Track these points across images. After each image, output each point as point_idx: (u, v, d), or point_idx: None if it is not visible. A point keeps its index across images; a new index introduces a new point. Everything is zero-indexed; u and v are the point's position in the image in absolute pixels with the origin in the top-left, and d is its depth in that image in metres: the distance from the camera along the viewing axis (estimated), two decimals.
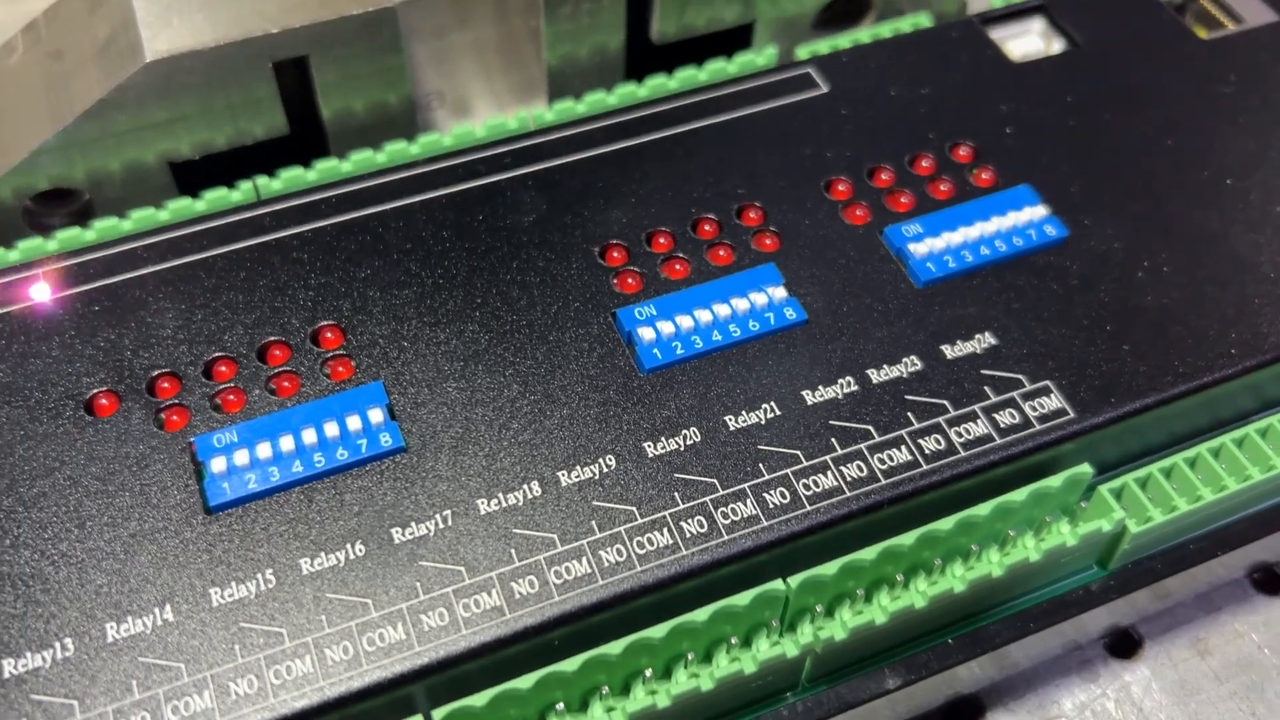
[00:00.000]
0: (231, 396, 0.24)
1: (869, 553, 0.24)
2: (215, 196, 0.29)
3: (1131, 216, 0.28)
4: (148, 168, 0.30)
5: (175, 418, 0.24)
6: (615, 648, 0.22)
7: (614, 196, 0.28)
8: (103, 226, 0.28)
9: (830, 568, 0.23)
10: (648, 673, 0.23)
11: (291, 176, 0.29)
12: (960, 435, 0.24)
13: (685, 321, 0.26)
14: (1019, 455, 0.24)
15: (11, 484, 0.23)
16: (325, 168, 0.30)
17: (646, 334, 0.25)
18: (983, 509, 0.24)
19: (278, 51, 0.29)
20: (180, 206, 0.29)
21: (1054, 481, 0.25)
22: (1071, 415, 0.25)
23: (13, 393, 0.24)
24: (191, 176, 0.31)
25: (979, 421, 0.24)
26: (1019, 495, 0.24)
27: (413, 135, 0.32)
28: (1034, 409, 0.25)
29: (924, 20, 0.34)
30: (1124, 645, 0.28)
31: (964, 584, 0.24)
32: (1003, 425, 0.24)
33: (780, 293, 0.26)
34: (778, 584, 0.23)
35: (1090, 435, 0.25)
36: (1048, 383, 0.25)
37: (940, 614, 0.24)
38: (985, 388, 0.25)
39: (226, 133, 0.30)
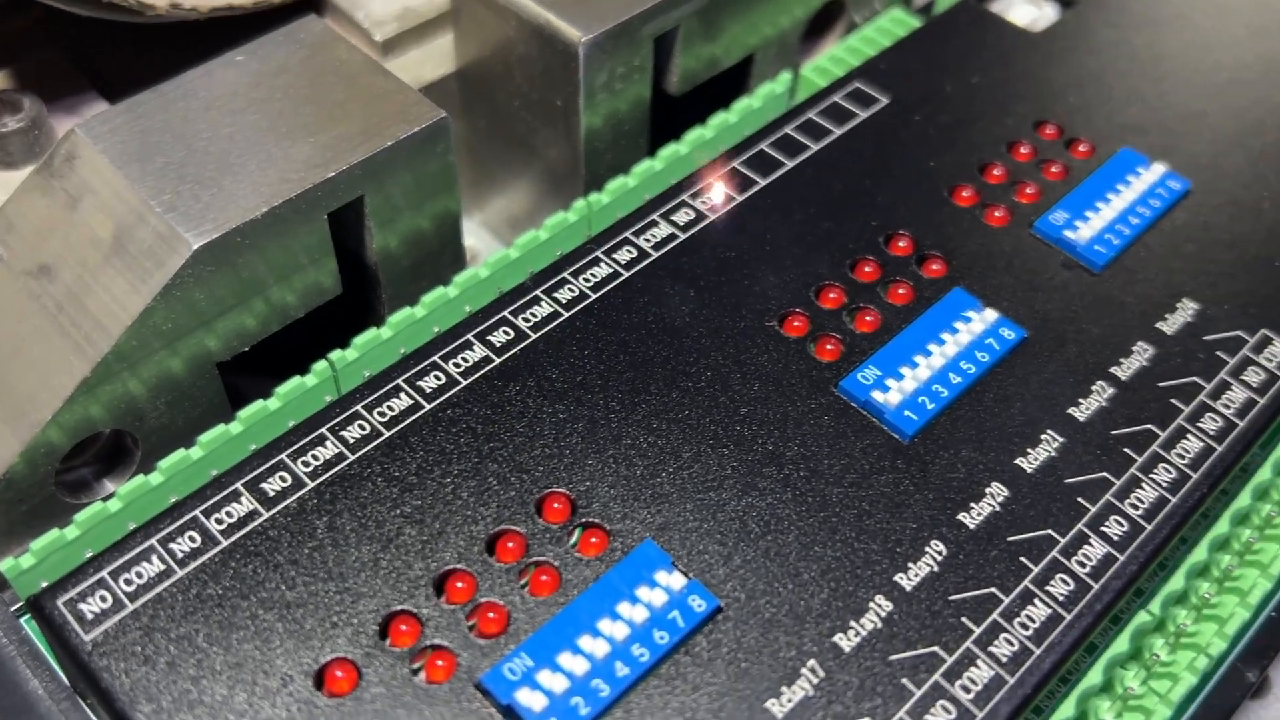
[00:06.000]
0: (490, 614, 0.20)
1: (1200, 551, 0.22)
2: (289, 389, 0.24)
3: (1217, 138, 0.28)
4: (183, 378, 0.24)
5: (439, 662, 0.19)
6: None
7: (754, 262, 0.25)
8: (170, 464, 0.23)
9: (1177, 580, 0.22)
10: None
11: (367, 340, 0.25)
12: (1228, 406, 0.23)
13: (916, 373, 0.23)
14: None
15: None
16: (400, 319, 0.25)
17: (888, 398, 0.23)
18: (1264, 472, 0.24)
19: (334, 199, 0.24)
20: (252, 414, 0.23)
21: None
22: None
23: (223, 694, 0.19)
24: (236, 374, 0.25)
25: (1235, 388, 0.24)
26: None
27: (459, 259, 0.28)
28: (1269, 359, 0.24)
29: (899, 14, 0.33)
30: None
31: None
32: (1256, 384, 0.24)
33: (988, 315, 0.24)
34: (1143, 615, 0.22)
35: None
36: (1264, 331, 0.25)
37: (1272, 589, 0.24)
38: (1218, 354, 0.24)
39: (271, 313, 0.24)
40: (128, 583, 0.20)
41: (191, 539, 0.21)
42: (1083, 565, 0.21)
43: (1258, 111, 0.29)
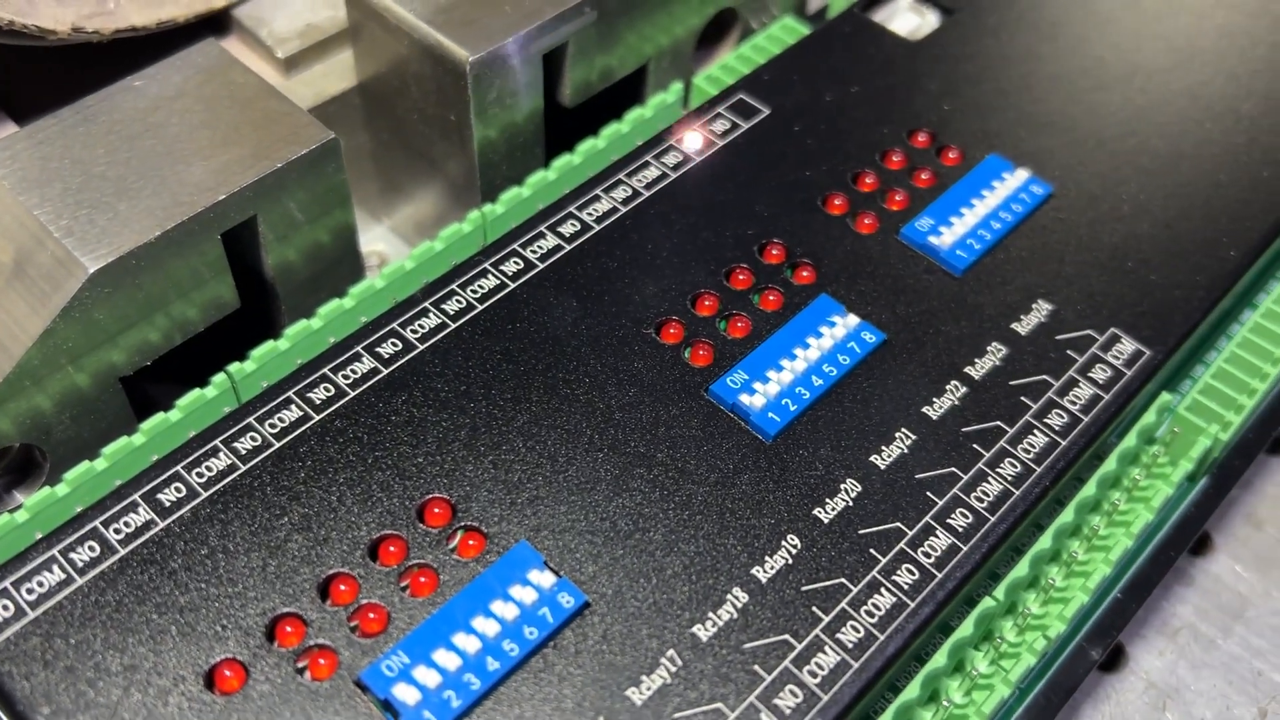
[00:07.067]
0: (371, 614, 0.21)
1: (1044, 540, 0.24)
2: (190, 401, 0.25)
3: (1081, 143, 0.29)
4: (89, 393, 0.25)
5: (322, 661, 0.21)
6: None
7: (635, 272, 0.27)
8: (75, 476, 0.24)
9: (1022, 567, 0.24)
10: None
11: (264, 352, 0.26)
12: (1074, 402, 0.25)
13: (781, 376, 0.25)
14: (1126, 402, 0.25)
15: None
16: (296, 331, 0.26)
17: (753, 401, 0.24)
18: (1110, 463, 0.25)
19: (226, 220, 0.25)
20: (154, 425, 0.25)
21: (1149, 417, 0.26)
22: (1149, 353, 0.26)
23: (118, 695, 0.20)
24: (142, 387, 0.26)
25: (1082, 385, 0.25)
26: (1130, 439, 0.25)
27: (358, 270, 0.29)
28: (1116, 357, 0.26)
29: (790, 22, 0.35)
30: (1198, 542, 0.30)
31: (1132, 537, 0.25)
32: (1102, 381, 0.25)
33: (850, 320, 0.26)
34: (988, 601, 0.23)
35: (1167, 365, 0.26)
36: (1114, 330, 0.26)
37: (1115, 574, 0.25)
38: (1069, 352, 0.26)
39: (173, 327, 0.26)
40: (29, 592, 0.21)
41: (91, 548, 0.22)
42: (928, 556, 0.23)
43: (1121, 117, 0.30)
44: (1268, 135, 0.30)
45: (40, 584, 0.22)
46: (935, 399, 0.25)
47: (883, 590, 0.22)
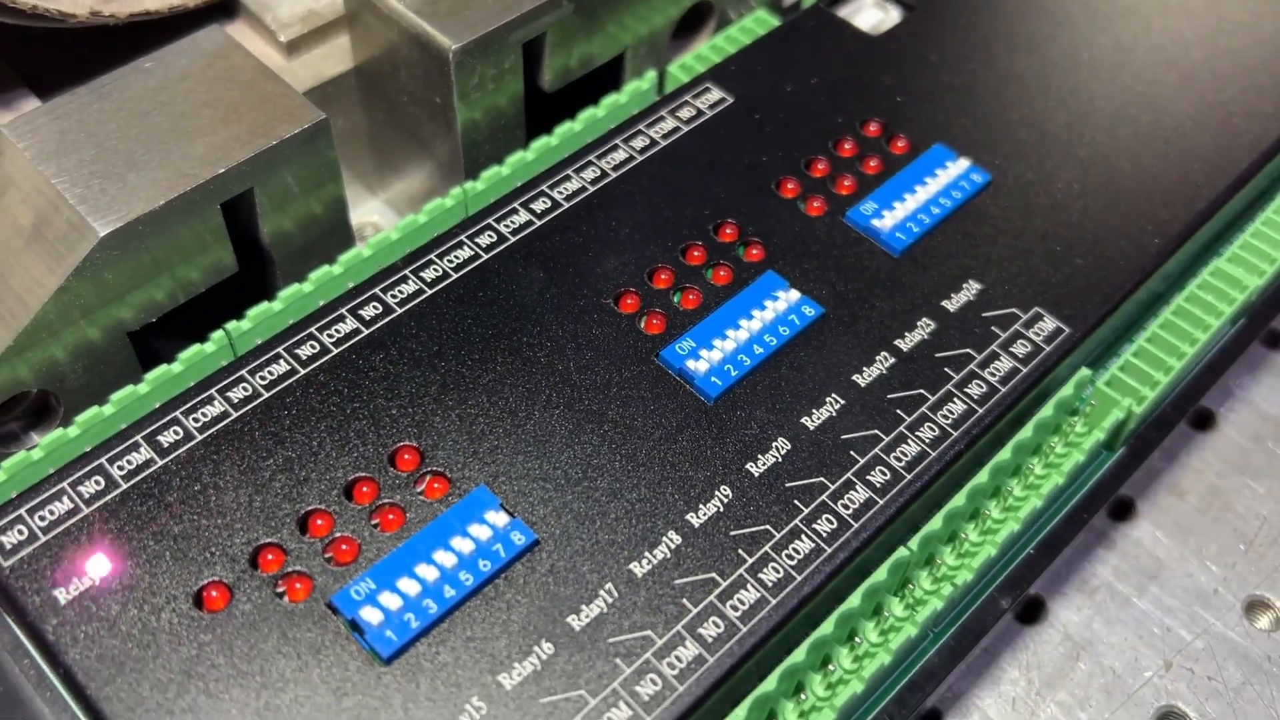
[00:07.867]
0: (344, 546, 0.24)
1: (960, 498, 0.26)
2: (190, 355, 0.28)
3: (1022, 134, 0.32)
4: (99, 345, 0.28)
5: (298, 586, 0.23)
6: (799, 655, 0.24)
7: (598, 247, 0.29)
8: (85, 420, 0.26)
9: (936, 522, 0.26)
10: (830, 666, 0.24)
11: (259, 313, 0.28)
12: (994, 374, 0.27)
13: (725, 345, 0.27)
14: (1043, 375, 0.27)
15: (163, 703, 0.22)
16: (289, 294, 0.29)
17: (698, 366, 0.27)
18: (1026, 430, 0.27)
19: (225, 192, 0.27)
20: (158, 376, 0.27)
21: (1067, 389, 0.28)
22: (1068, 330, 0.28)
23: (116, 610, 0.23)
24: (148, 342, 0.29)
25: (1002, 358, 0.28)
26: (1047, 410, 0.28)
27: (348, 239, 0.32)
28: (1037, 334, 0.28)
29: (762, 14, 0.37)
30: (1121, 509, 0.32)
31: (1041, 499, 0.27)
32: (1021, 355, 0.28)
33: (792, 295, 0.28)
34: (902, 550, 0.25)
35: (1085, 342, 0.28)
36: (1037, 309, 0.28)
37: (1023, 531, 0.28)
38: (993, 328, 0.28)
39: (177, 288, 0.28)
40: (41, 519, 0.24)
41: (97, 482, 0.25)
42: (846, 508, 0.25)
43: (1062, 111, 0.32)
44: (1198, 131, 0.32)
45: (51, 512, 0.24)
46: (865, 368, 0.27)
47: (803, 537, 0.25)
